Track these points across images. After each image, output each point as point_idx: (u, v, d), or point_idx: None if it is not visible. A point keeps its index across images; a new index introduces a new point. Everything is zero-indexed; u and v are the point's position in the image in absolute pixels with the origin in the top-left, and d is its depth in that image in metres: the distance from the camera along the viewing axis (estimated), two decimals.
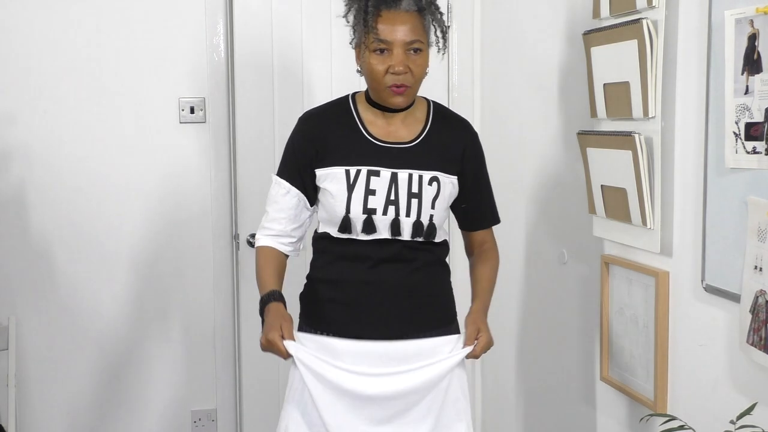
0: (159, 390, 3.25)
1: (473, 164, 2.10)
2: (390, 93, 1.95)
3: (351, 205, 1.96)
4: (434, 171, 2.01)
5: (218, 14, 3.15)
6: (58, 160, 3.10)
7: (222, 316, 3.25)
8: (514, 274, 2.99)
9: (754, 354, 1.68)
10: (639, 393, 2.18)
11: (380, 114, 2.04)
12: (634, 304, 2.19)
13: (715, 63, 1.79)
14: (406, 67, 1.92)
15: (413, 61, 1.94)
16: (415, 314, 2.03)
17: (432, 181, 2.00)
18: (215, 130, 3.19)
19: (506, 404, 3.14)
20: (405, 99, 1.98)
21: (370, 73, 1.95)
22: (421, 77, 1.98)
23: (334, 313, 2.03)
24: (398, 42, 1.91)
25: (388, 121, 2.03)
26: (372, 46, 1.92)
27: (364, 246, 1.99)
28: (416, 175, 1.99)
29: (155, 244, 3.20)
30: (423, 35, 1.96)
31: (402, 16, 1.92)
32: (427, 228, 1.99)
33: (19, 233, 3.11)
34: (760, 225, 1.65)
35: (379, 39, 1.91)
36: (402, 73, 1.92)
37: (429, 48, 2.00)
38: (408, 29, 1.92)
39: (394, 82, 1.93)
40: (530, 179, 2.84)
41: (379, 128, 2.03)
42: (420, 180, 1.99)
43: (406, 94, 1.96)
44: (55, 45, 3.08)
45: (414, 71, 1.94)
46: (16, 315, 3.10)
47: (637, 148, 2.04)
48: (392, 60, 1.92)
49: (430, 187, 1.99)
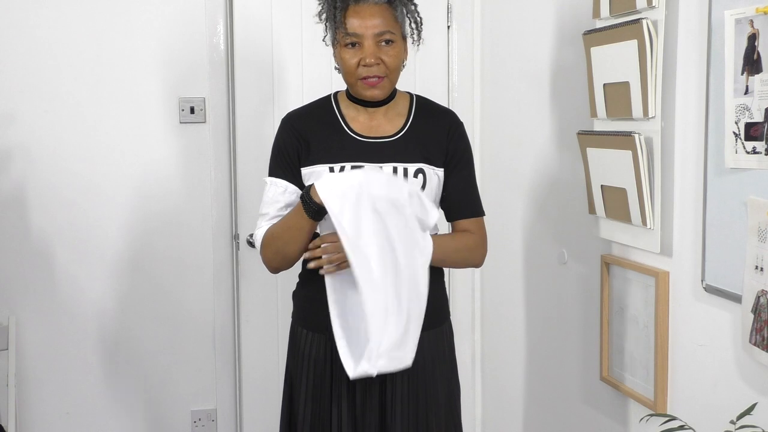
0: (159, 390, 3.25)
1: (456, 148, 2.06)
2: (364, 86, 1.97)
3: None
4: (419, 163, 2.01)
5: (218, 14, 3.15)
6: (58, 160, 3.10)
7: (222, 316, 3.25)
8: (514, 274, 3.00)
9: (757, 354, 1.69)
10: (639, 393, 2.18)
11: (362, 110, 2.04)
12: (634, 304, 2.19)
13: (715, 63, 1.79)
14: (377, 59, 1.94)
15: (385, 53, 1.95)
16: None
17: (417, 173, 2.00)
18: (215, 130, 3.19)
19: (506, 404, 3.14)
20: (380, 91, 1.98)
21: (344, 67, 1.97)
22: (395, 68, 1.98)
23: (323, 312, 2.03)
24: (368, 35, 1.93)
25: (370, 117, 2.04)
26: (343, 41, 1.95)
27: None
28: (401, 168, 1.99)
29: (155, 244, 3.20)
30: (395, 26, 1.97)
31: (371, 8, 1.94)
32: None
33: (19, 233, 3.10)
34: (760, 225, 1.66)
35: (348, 33, 1.94)
36: (373, 65, 1.94)
37: (405, 40, 2.01)
38: (377, 21, 1.94)
39: (367, 74, 1.95)
40: (530, 179, 2.84)
41: (361, 124, 2.04)
42: (405, 173, 1.99)
43: (380, 86, 1.97)
44: (55, 45, 3.07)
45: (386, 62, 1.95)
46: (16, 315, 3.10)
47: (637, 148, 2.04)
48: (363, 53, 1.94)
49: (416, 179, 1.99)
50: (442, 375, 2.07)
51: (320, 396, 2.03)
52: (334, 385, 2.01)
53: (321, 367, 2.02)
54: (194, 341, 3.26)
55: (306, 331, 2.06)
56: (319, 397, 2.03)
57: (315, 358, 2.03)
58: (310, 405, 2.04)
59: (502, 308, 3.15)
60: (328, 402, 2.01)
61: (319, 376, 2.03)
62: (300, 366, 2.06)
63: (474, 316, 3.32)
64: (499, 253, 3.16)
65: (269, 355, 3.29)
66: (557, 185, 2.67)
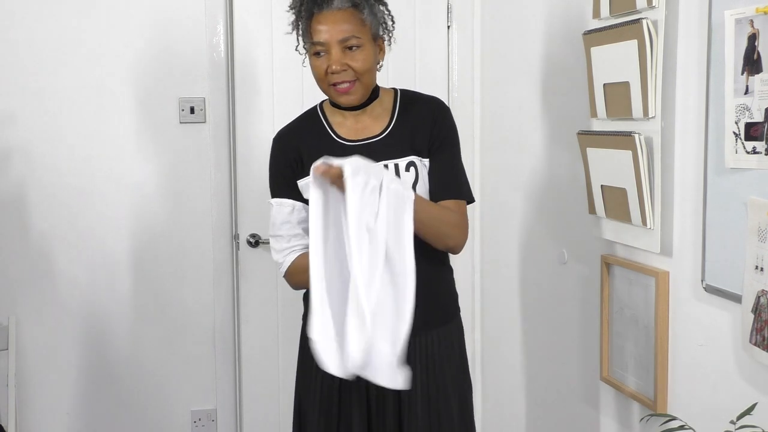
0: (159, 390, 3.25)
1: (438, 131, 2.04)
2: (335, 93, 1.97)
3: None
4: (408, 156, 2.01)
5: (218, 14, 3.15)
6: (58, 159, 3.10)
7: (222, 316, 3.25)
8: (515, 274, 3.00)
9: (757, 354, 1.69)
10: (639, 393, 2.18)
11: (348, 114, 2.05)
12: (634, 304, 2.19)
13: (715, 63, 1.79)
14: (343, 65, 1.93)
15: (351, 58, 1.94)
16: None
17: (409, 167, 2.00)
18: (215, 130, 3.19)
19: (506, 404, 3.14)
20: (354, 96, 1.98)
21: (314, 76, 1.99)
22: (365, 71, 1.96)
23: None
24: (333, 41, 1.93)
25: (356, 120, 2.05)
26: (311, 50, 1.96)
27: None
28: (392, 164, 1.99)
29: (155, 244, 3.20)
30: (361, 30, 1.95)
31: (334, 15, 1.93)
32: None
33: (19, 233, 3.11)
34: (760, 225, 1.65)
35: (313, 42, 1.94)
36: (340, 71, 1.93)
37: (377, 40, 2.00)
38: (342, 27, 1.93)
39: (335, 80, 1.95)
40: (530, 179, 2.84)
41: (348, 128, 2.04)
42: (396, 168, 1.99)
43: (353, 91, 1.97)
44: (55, 45, 3.08)
45: (354, 67, 1.94)
46: (16, 315, 3.10)
47: (637, 148, 2.04)
48: (330, 60, 1.94)
49: (408, 173, 1.99)
50: (453, 373, 2.07)
51: (330, 405, 2.02)
52: (344, 394, 2.01)
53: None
54: (194, 341, 3.26)
55: None
56: (329, 406, 2.02)
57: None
58: (324, 416, 2.02)
59: (502, 308, 3.15)
60: (338, 409, 2.01)
61: (328, 386, 2.01)
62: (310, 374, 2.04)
63: (474, 316, 3.32)
64: (499, 253, 3.16)
65: (269, 355, 3.28)
66: (557, 185, 2.67)
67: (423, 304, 2.04)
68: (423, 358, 2.01)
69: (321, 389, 2.03)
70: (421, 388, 2.01)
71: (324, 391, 2.02)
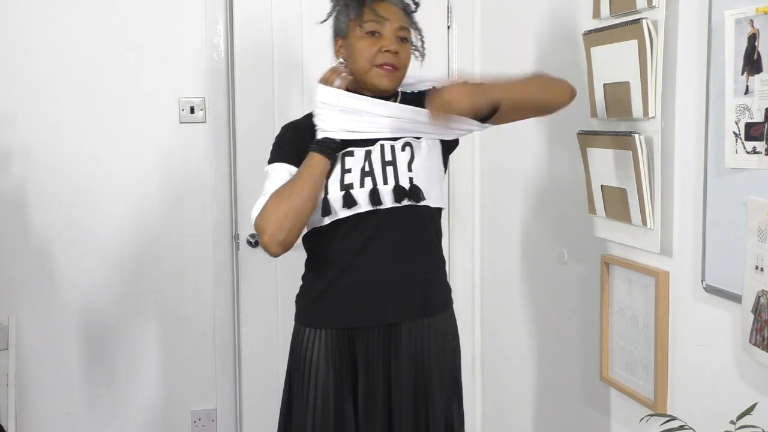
0: (159, 390, 3.25)
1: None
2: (379, 73, 2.00)
3: (329, 186, 1.98)
4: (405, 138, 2.03)
5: (218, 14, 3.15)
6: (58, 159, 3.10)
7: (222, 316, 3.25)
8: (514, 274, 3.00)
9: (757, 354, 1.69)
10: (639, 393, 2.18)
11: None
12: (634, 304, 2.19)
13: (715, 63, 1.79)
14: (398, 47, 2.00)
15: (402, 47, 2.02)
16: (402, 299, 2.03)
17: (405, 147, 2.02)
18: (215, 130, 3.19)
19: (506, 404, 3.14)
20: (391, 82, 2.02)
21: (361, 55, 2.00)
22: (405, 66, 2.04)
23: (327, 308, 2.04)
24: (389, 26, 1.99)
25: None
26: (366, 27, 1.99)
27: (350, 234, 1.99)
28: (388, 145, 2.01)
29: (155, 244, 3.20)
30: (408, 30, 2.05)
31: (391, 6, 2.03)
32: (410, 189, 1.98)
33: (19, 233, 3.10)
34: (760, 225, 1.66)
35: (372, 20, 1.98)
36: (393, 52, 1.99)
37: (411, 46, 2.08)
38: (400, 17, 2.03)
39: (384, 60, 1.98)
40: (530, 179, 2.84)
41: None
42: (392, 149, 2.01)
43: (393, 76, 2.01)
44: (55, 45, 3.07)
45: (402, 57, 2.01)
46: (16, 315, 3.10)
47: (637, 148, 2.04)
48: (384, 41, 1.99)
49: (404, 152, 2.01)
50: (443, 362, 2.08)
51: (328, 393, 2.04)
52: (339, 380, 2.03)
53: (324, 365, 2.03)
54: (194, 341, 3.26)
55: (309, 330, 2.06)
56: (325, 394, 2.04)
57: (320, 355, 2.04)
58: (319, 406, 2.05)
59: (502, 308, 3.15)
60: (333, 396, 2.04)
61: (323, 374, 2.03)
62: (302, 366, 2.07)
63: (474, 316, 3.32)
64: (499, 253, 3.16)
65: (269, 355, 3.28)
66: (557, 185, 2.67)
67: (413, 290, 2.06)
68: (411, 350, 2.02)
69: (315, 390, 2.04)
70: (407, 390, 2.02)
71: (318, 392, 2.04)
